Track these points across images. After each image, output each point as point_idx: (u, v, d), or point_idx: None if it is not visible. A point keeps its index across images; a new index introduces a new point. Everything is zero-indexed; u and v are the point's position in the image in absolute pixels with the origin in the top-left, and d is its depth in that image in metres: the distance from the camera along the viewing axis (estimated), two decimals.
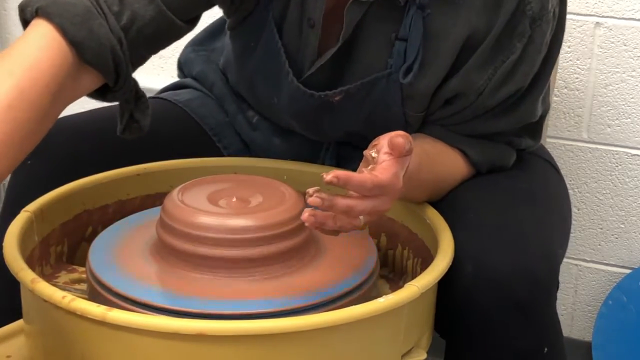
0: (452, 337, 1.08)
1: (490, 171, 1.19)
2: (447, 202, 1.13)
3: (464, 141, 1.16)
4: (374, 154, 0.95)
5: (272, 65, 1.19)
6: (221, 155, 1.31)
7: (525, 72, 1.12)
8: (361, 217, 0.92)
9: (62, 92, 0.96)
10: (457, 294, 1.02)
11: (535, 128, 1.22)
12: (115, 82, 1.02)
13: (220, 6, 1.19)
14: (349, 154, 1.26)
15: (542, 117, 1.22)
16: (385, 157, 0.93)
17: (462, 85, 1.12)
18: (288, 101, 1.20)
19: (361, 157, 0.98)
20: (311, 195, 0.90)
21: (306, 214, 0.91)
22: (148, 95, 1.38)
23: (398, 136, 0.93)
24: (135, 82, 1.07)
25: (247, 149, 1.33)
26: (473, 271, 1.01)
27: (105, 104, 1.09)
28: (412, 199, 1.10)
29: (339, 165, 1.27)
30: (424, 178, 1.07)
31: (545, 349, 1.05)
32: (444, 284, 1.01)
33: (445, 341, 1.09)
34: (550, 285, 1.04)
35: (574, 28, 1.67)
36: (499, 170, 1.20)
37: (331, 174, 0.89)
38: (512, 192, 1.13)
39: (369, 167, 0.94)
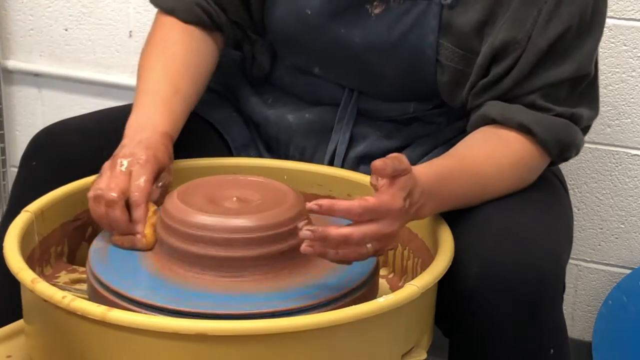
0: (456, 336, 1.08)
1: (560, 154, 1.15)
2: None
3: (525, 114, 1.12)
4: (374, 182, 0.94)
5: None
6: (227, 149, 1.31)
7: (571, 12, 1.12)
8: (369, 245, 0.91)
9: (200, 54, 1.25)
10: (464, 294, 1.02)
11: (591, 92, 1.19)
12: (220, 30, 1.27)
13: None
14: (362, 132, 1.27)
15: (596, 82, 1.19)
16: (382, 180, 0.93)
17: (511, 28, 1.12)
18: (324, 4, 1.21)
19: (373, 135, 0.97)
20: (300, 229, 0.89)
21: (304, 245, 0.90)
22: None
23: (380, 160, 0.92)
24: (244, 28, 1.30)
25: (253, 142, 1.33)
26: (480, 272, 1.01)
27: (107, 106, 1.11)
28: (448, 209, 1.08)
29: (351, 145, 1.27)
30: (452, 190, 1.05)
31: (552, 350, 1.04)
32: (450, 284, 1.01)
33: (449, 340, 1.09)
34: (557, 286, 1.04)
35: None
36: (568, 153, 1.15)
37: (313, 202, 0.88)
38: (520, 197, 1.12)
39: None
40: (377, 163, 0.92)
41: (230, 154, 1.31)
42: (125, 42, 1.91)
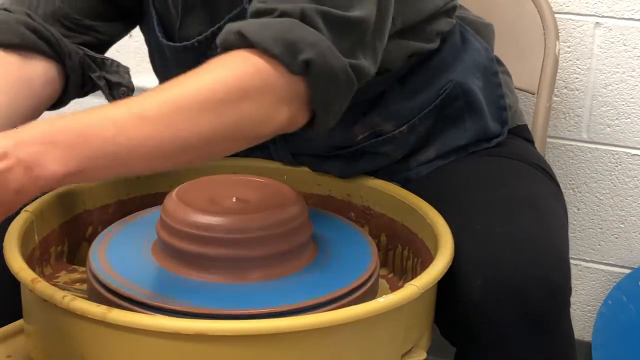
0: (462, 348, 1.06)
1: (291, 54, 0.91)
2: (450, 213, 1.08)
3: (244, 23, 0.94)
4: None
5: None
6: None
7: None
8: None
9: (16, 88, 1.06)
10: (468, 308, 1.00)
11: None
12: (57, 53, 1.11)
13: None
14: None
15: None
16: None
17: None
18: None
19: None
20: None
21: None
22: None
23: None
24: (84, 50, 1.15)
25: None
26: (483, 284, 0.98)
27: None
28: (110, 161, 0.86)
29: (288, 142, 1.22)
30: (100, 134, 0.84)
31: None
32: (453, 298, 1.00)
33: (456, 350, 1.08)
34: (566, 293, 1.01)
35: (574, 28, 1.67)
36: (299, 51, 0.91)
37: None
38: (513, 200, 1.09)
39: None
40: None
41: None
42: (126, 42, 1.90)
